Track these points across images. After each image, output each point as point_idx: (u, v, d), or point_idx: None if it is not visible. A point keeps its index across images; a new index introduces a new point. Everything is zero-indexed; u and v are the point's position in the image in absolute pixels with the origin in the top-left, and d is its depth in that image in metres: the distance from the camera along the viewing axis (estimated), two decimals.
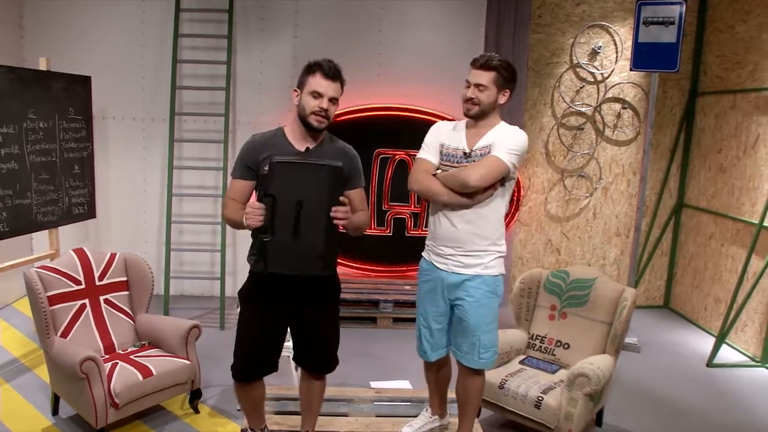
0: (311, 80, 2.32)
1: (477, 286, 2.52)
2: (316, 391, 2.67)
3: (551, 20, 5.22)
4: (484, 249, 2.52)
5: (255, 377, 2.53)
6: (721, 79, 5.00)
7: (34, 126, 3.85)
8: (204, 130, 5.16)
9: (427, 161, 2.59)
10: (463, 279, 2.53)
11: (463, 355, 2.60)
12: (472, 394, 2.68)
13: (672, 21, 4.21)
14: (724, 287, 4.82)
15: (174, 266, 5.24)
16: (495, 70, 2.45)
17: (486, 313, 2.55)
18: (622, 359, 4.33)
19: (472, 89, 2.48)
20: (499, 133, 2.51)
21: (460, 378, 2.68)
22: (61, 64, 4.59)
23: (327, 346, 2.60)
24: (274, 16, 5.09)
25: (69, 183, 4.19)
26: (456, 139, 2.57)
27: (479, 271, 2.52)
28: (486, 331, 2.55)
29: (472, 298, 2.52)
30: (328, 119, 2.35)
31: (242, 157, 2.38)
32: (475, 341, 2.54)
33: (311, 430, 2.73)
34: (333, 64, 2.35)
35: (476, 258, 2.52)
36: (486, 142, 2.49)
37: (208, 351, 4.08)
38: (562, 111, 5.32)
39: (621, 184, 5.46)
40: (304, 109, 2.33)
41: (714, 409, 3.70)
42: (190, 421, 3.26)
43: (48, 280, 3.15)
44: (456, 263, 2.53)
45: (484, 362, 2.59)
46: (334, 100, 2.35)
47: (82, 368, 2.78)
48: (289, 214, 2.20)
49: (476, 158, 2.48)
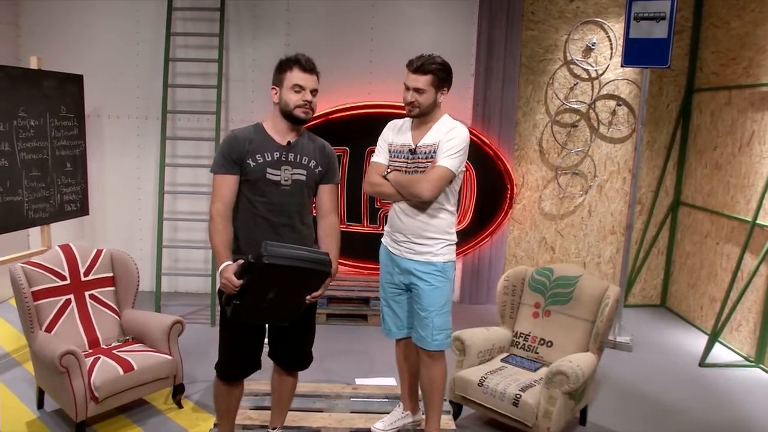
0: (290, 75, 2.35)
1: (428, 271, 2.65)
2: (289, 387, 2.69)
3: (544, 16, 5.18)
4: (434, 237, 2.65)
5: (240, 378, 2.58)
6: (716, 75, 4.94)
7: (24, 124, 3.89)
8: (197, 128, 5.20)
9: (379, 164, 2.74)
10: (415, 265, 2.66)
11: (418, 337, 2.70)
12: (433, 381, 2.73)
13: (663, 16, 4.17)
14: (719, 286, 4.76)
15: (169, 263, 5.29)
16: (431, 74, 2.55)
17: (438, 296, 2.66)
18: (613, 358, 4.32)
19: (411, 93, 2.57)
20: (442, 130, 2.62)
21: (422, 367, 2.77)
22: (57, 63, 4.65)
23: (303, 342, 2.61)
24: (266, 15, 5.11)
25: (61, 180, 4.23)
26: (402, 136, 2.70)
27: (429, 258, 2.65)
28: (439, 314, 2.66)
29: (424, 282, 2.65)
30: (312, 110, 2.40)
31: (224, 152, 2.38)
32: (428, 323, 2.65)
33: (280, 425, 2.75)
34: (307, 57, 2.39)
35: (426, 246, 2.65)
36: (430, 140, 2.62)
37: (196, 347, 4.12)
38: (555, 108, 5.28)
39: (616, 182, 5.42)
40: (288, 105, 2.36)
41: (701, 408, 3.66)
42: (173, 416, 3.29)
43: (33, 276, 3.19)
44: (408, 250, 2.67)
45: (438, 344, 2.67)
46: (314, 91, 2.39)
47: (62, 362, 2.81)
48: (265, 296, 2.24)
49: (421, 155, 2.62)
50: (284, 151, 2.40)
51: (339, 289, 4.92)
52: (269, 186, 2.38)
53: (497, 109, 5.19)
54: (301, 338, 2.59)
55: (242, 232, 2.42)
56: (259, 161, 2.36)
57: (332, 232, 2.53)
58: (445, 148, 2.57)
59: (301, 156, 2.43)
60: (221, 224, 2.35)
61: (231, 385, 2.57)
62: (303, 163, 2.43)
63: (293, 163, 2.41)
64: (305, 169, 2.43)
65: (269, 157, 2.37)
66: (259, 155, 2.37)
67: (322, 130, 5.09)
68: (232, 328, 2.46)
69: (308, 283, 2.31)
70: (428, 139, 2.63)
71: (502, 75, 5.14)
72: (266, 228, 2.38)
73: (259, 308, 2.28)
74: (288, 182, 2.39)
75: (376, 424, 2.88)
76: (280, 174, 2.38)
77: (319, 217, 2.56)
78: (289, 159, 2.40)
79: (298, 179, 2.41)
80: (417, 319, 2.70)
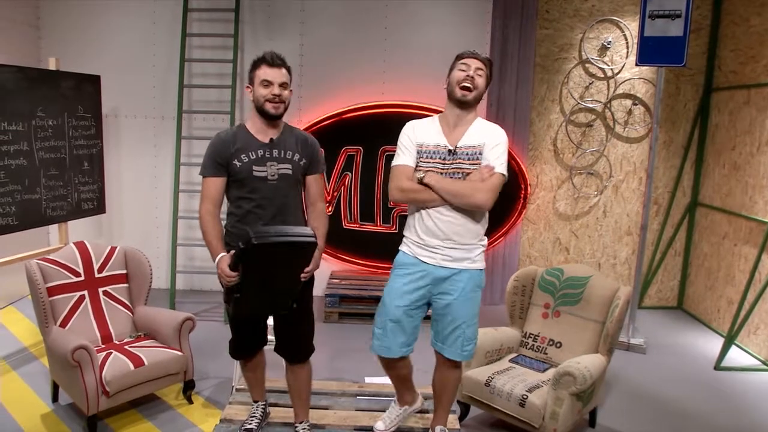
0: (258, 72, 2.44)
1: (464, 279, 2.51)
2: (302, 380, 2.72)
3: (559, 15, 5.14)
4: (472, 243, 2.51)
5: (248, 355, 2.77)
6: (735, 74, 4.85)
7: (43, 124, 3.98)
8: (213, 127, 5.25)
9: (407, 167, 2.51)
10: (452, 273, 2.51)
11: (446, 347, 2.57)
12: (450, 385, 2.69)
13: (679, 14, 4.10)
14: (736, 288, 4.67)
15: (185, 261, 5.36)
16: (487, 63, 2.48)
17: (472, 306, 2.55)
18: (626, 360, 4.27)
19: (474, 71, 2.42)
20: (484, 131, 2.49)
21: (439, 370, 2.68)
22: (76, 64, 4.75)
23: (300, 334, 2.66)
24: (281, 15, 5.15)
25: (78, 179, 4.32)
26: (435, 137, 2.51)
27: (467, 265, 2.51)
28: (471, 324, 2.56)
29: (460, 291, 2.51)
30: (283, 103, 2.46)
31: (211, 155, 2.47)
32: (459, 334, 2.54)
33: (306, 420, 2.78)
34: (275, 53, 2.46)
35: (464, 252, 2.50)
36: (473, 141, 2.47)
37: (209, 344, 4.17)
38: (570, 107, 5.24)
39: (632, 182, 5.35)
40: (259, 100, 2.44)
41: (714, 412, 3.60)
42: (183, 411, 3.33)
43: (48, 272, 3.27)
44: (444, 257, 2.50)
45: (467, 354, 2.60)
46: (284, 85, 2.45)
47: (74, 356, 2.88)
48: (261, 280, 2.34)
49: (463, 156, 2.45)
50: (267, 149, 2.48)
51: (351, 289, 4.94)
52: (257, 182, 2.45)
53: (511, 108, 5.16)
54: (298, 329, 2.66)
55: (235, 229, 2.49)
56: (245, 161, 2.45)
57: (319, 216, 2.64)
58: (495, 152, 2.44)
59: (285, 151, 2.51)
60: (211, 221, 2.47)
61: (246, 361, 2.79)
62: (287, 157, 2.51)
63: (278, 158, 2.49)
64: (290, 163, 2.51)
65: (253, 156, 2.46)
66: (244, 155, 2.45)
67: (335, 130, 5.14)
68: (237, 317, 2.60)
69: (299, 259, 2.39)
70: (469, 140, 2.47)
71: (516, 74, 5.11)
72: (258, 223, 2.44)
73: (258, 297, 2.38)
74: (275, 177, 2.47)
75: (376, 424, 2.84)
76: (266, 170, 2.46)
77: (307, 205, 2.67)
78: (273, 155, 2.48)
79: (284, 173, 2.49)
80: (447, 329, 2.55)
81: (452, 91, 2.46)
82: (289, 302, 2.47)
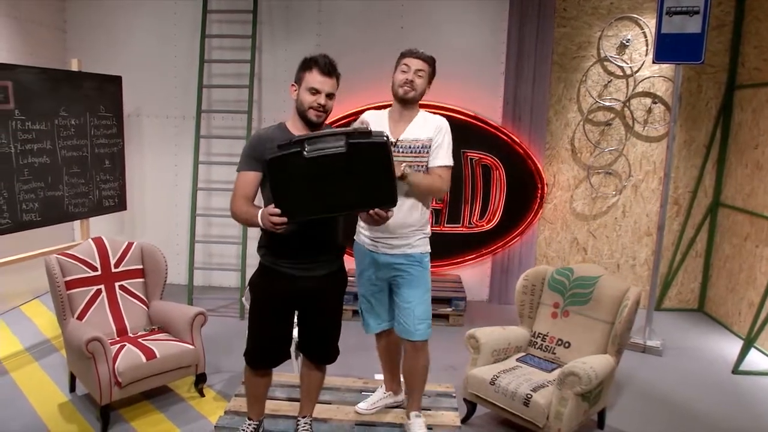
0: (308, 77, 2.37)
1: (406, 262, 2.70)
2: (315, 380, 2.76)
3: (577, 13, 5.09)
4: (411, 232, 2.70)
5: (268, 366, 2.66)
6: (759, 71, 4.73)
7: (65, 123, 4.11)
8: (231, 126, 5.35)
9: None
10: (393, 259, 2.71)
11: (402, 329, 2.75)
12: (415, 370, 2.83)
13: (697, 10, 4.03)
14: (758, 291, 4.56)
15: (203, 258, 5.47)
16: (429, 63, 2.68)
17: (417, 286, 2.72)
18: (641, 362, 4.21)
19: (413, 73, 2.63)
20: (429, 125, 2.67)
21: (405, 356, 2.86)
22: (100, 65, 4.89)
23: (328, 337, 2.67)
24: (298, 16, 5.22)
25: (99, 177, 4.45)
26: (382, 128, 2.60)
27: (406, 250, 2.70)
28: (419, 303, 2.72)
29: (403, 274, 2.71)
30: (326, 113, 2.42)
31: (248, 151, 2.43)
32: (409, 313, 2.71)
33: (309, 415, 2.82)
34: (328, 60, 2.38)
35: (402, 239, 2.69)
36: (414, 135, 2.65)
37: (223, 339, 4.25)
38: (588, 106, 5.18)
39: (652, 182, 5.26)
40: (303, 105, 2.39)
41: (729, 416, 3.53)
42: (194, 404, 3.41)
43: (66, 266, 3.38)
44: (385, 245, 2.70)
45: (420, 333, 2.73)
46: (330, 95, 2.40)
47: (89, 348, 2.97)
48: (308, 185, 2.16)
49: (404, 149, 2.64)
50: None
51: None
52: None
53: (528, 107, 5.13)
54: (326, 333, 2.66)
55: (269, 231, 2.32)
56: None
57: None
58: (445, 145, 2.67)
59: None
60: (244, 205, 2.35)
61: (260, 374, 2.67)
62: None
63: None
64: None
65: None
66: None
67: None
68: (261, 318, 2.54)
69: (357, 163, 2.13)
70: (411, 134, 2.66)
71: (533, 73, 5.07)
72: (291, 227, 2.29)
73: (308, 199, 2.19)
74: None
75: (359, 404, 3.04)
76: None
77: None
78: None
79: None
80: (399, 310, 2.76)
81: (395, 91, 2.67)
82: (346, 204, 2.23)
